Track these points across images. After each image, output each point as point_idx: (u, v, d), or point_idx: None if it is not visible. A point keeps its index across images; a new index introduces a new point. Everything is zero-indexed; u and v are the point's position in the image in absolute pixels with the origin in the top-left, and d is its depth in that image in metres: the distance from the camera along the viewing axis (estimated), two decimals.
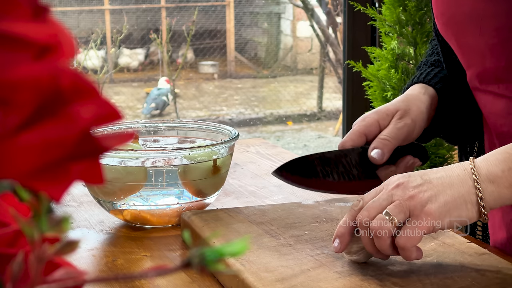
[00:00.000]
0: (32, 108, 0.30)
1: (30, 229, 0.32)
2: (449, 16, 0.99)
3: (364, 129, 1.00)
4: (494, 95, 0.98)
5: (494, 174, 0.81)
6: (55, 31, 0.31)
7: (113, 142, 0.32)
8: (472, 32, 0.96)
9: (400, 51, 2.18)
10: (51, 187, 0.31)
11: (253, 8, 7.74)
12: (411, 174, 0.82)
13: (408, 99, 1.03)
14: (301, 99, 6.92)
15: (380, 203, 0.81)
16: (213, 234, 0.95)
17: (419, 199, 0.79)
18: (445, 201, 0.80)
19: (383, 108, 1.02)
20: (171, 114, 6.26)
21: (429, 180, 0.81)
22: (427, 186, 0.80)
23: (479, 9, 0.94)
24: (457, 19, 0.98)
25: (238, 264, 0.84)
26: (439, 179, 0.81)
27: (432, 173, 0.82)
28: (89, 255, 0.98)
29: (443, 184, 0.81)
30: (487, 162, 0.82)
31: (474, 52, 0.97)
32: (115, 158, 1.04)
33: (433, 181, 0.81)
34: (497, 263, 0.85)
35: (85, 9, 7.18)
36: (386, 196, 0.81)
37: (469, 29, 0.96)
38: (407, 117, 1.00)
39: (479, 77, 0.99)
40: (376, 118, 1.00)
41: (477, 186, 0.80)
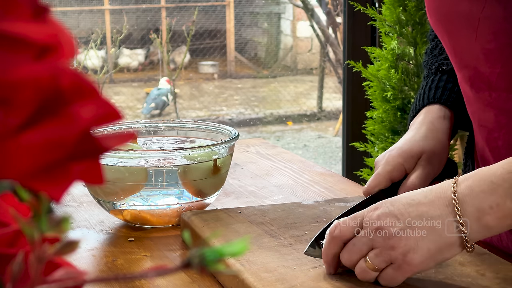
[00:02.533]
0: (32, 108, 0.30)
1: (30, 229, 0.32)
2: (443, 14, 0.95)
3: (390, 174, 0.96)
4: (484, 103, 0.94)
5: (482, 211, 0.76)
6: (55, 31, 0.31)
7: (113, 142, 0.32)
8: (467, 33, 0.91)
9: (400, 51, 2.18)
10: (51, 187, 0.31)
11: (253, 8, 7.74)
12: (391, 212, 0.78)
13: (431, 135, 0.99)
14: (301, 99, 6.92)
15: (360, 247, 0.79)
16: (213, 234, 0.95)
17: (401, 249, 0.77)
18: (428, 249, 0.76)
19: (407, 149, 0.97)
20: (171, 114, 6.26)
21: (410, 225, 0.77)
22: (408, 233, 0.77)
23: (476, 10, 0.89)
24: (451, 18, 0.93)
25: (238, 264, 0.84)
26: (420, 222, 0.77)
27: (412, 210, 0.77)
28: (89, 255, 0.98)
29: (424, 229, 0.77)
30: (472, 196, 0.76)
31: (468, 54, 0.93)
32: (115, 158, 1.04)
33: (413, 225, 0.77)
34: (497, 263, 0.85)
35: (85, 9, 7.18)
36: (366, 240, 0.79)
37: (464, 30, 0.92)
38: (434, 160, 0.97)
39: (471, 81, 0.95)
40: (401, 162, 0.96)
41: (462, 229, 0.76)
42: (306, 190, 1.24)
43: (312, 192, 1.23)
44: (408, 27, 2.18)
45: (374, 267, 0.79)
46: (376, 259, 0.78)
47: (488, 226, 0.76)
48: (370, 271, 0.79)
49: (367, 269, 0.79)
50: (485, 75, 0.92)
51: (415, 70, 2.18)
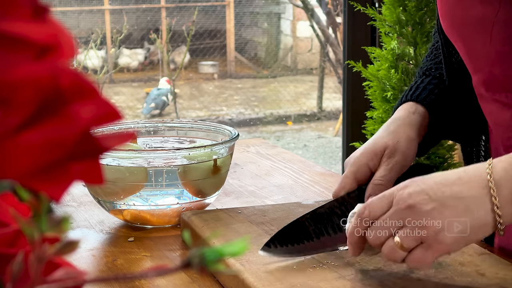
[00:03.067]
0: (32, 108, 0.30)
1: (30, 229, 0.32)
2: (456, 19, 0.95)
3: (355, 175, 0.95)
4: (501, 104, 0.94)
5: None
6: (55, 31, 0.31)
7: (113, 142, 0.32)
8: (481, 38, 0.91)
9: (400, 51, 2.18)
10: (51, 187, 0.31)
11: (253, 8, 7.74)
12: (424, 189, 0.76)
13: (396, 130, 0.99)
14: (301, 99, 6.92)
15: (389, 226, 0.77)
16: (213, 234, 0.95)
17: (433, 228, 0.75)
18: (460, 230, 0.75)
19: (371, 146, 0.97)
20: (171, 114, 6.26)
21: (443, 203, 0.75)
22: (440, 212, 0.75)
23: (490, 14, 0.89)
24: (465, 23, 0.93)
25: (238, 264, 0.84)
26: (454, 202, 0.75)
27: (446, 190, 0.76)
28: (89, 255, 0.98)
29: (458, 209, 0.75)
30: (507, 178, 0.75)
31: (482, 58, 0.93)
32: (115, 158, 1.04)
33: (447, 204, 0.75)
34: (497, 263, 0.85)
35: (85, 9, 7.18)
36: (397, 217, 0.77)
37: (478, 34, 0.92)
38: (397, 155, 0.96)
39: (486, 84, 0.95)
40: (365, 161, 0.96)
41: (497, 211, 0.75)
42: (306, 190, 1.24)
43: (312, 192, 1.23)
44: (408, 27, 2.18)
45: (403, 246, 0.76)
46: (407, 238, 0.76)
47: None
48: (398, 250, 0.77)
49: (396, 248, 0.77)
50: (500, 78, 0.92)
51: (415, 70, 2.18)
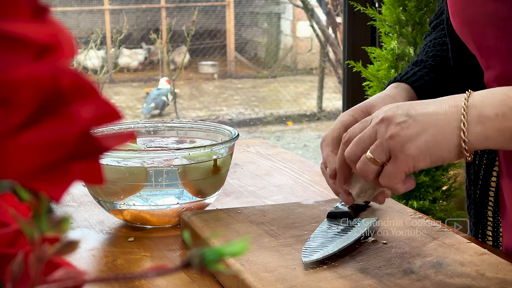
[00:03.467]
0: (32, 108, 0.30)
1: (30, 229, 0.32)
2: (468, 16, 0.95)
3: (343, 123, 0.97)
4: None
5: (486, 116, 0.78)
6: (55, 31, 0.31)
7: (113, 142, 0.32)
8: (493, 34, 0.92)
9: (400, 51, 2.18)
10: (51, 187, 0.31)
11: (253, 8, 7.74)
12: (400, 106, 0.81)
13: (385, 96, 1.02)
14: (301, 99, 6.92)
15: (364, 140, 0.82)
16: (213, 234, 0.95)
17: (399, 138, 0.79)
18: (425, 140, 0.78)
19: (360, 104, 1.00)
20: (171, 114, 6.26)
21: (414, 116, 0.79)
22: (410, 123, 0.79)
23: (503, 10, 0.90)
24: (477, 19, 0.94)
25: (238, 264, 0.84)
26: (424, 116, 0.79)
27: (421, 107, 0.80)
28: (89, 255, 0.98)
29: (427, 122, 0.79)
30: (482, 101, 0.79)
31: (495, 54, 0.94)
32: (115, 158, 1.04)
33: (417, 118, 0.79)
34: (497, 263, 0.85)
35: (85, 9, 7.18)
36: (370, 132, 0.81)
37: (490, 31, 0.92)
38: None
39: (498, 80, 0.95)
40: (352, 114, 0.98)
41: (463, 128, 0.78)
42: (306, 190, 1.24)
43: (312, 192, 1.23)
44: (408, 27, 2.18)
45: (374, 160, 0.80)
46: (376, 150, 0.80)
47: (487, 135, 0.78)
48: (370, 164, 0.81)
49: (368, 162, 0.81)
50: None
51: None
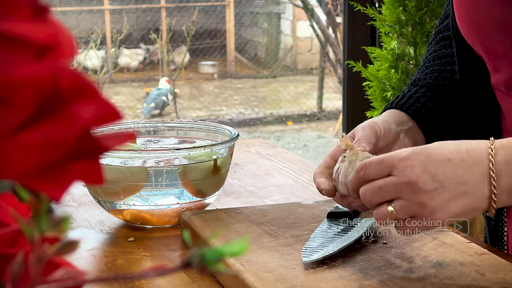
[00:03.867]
0: (32, 108, 0.30)
1: (30, 229, 0.32)
2: (475, 20, 0.94)
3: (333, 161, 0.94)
4: None
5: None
6: (55, 31, 0.31)
7: (113, 142, 0.32)
8: (501, 38, 0.91)
9: (400, 51, 2.18)
10: (51, 187, 0.31)
11: (253, 8, 7.74)
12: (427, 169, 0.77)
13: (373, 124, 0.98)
14: (301, 99, 6.92)
15: (386, 192, 0.78)
16: (213, 234, 0.95)
17: (430, 208, 0.76)
18: (455, 211, 0.77)
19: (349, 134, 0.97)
20: (171, 114, 6.26)
21: (443, 184, 0.77)
22: (440, 193, 0.76)
23: (510, 15, 0.89)
24: (485, 23, 0.93)
25: (238, 264, 0.84)
26: (454, 185, 0.77)
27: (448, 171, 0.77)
28: (89, 255, 0.98)
29: (457, 192, 0.77)
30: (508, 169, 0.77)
31: (502, 58, 0.93)
32: (115, 158, 1.04)
33: (447, 186, 0.77)
34: (497, 263, 0.85)
35: (85, 9, 7.18)
36: (394, 188, 0.78)
37: (498, 35, 0.91)
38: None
39: (506, 84, 0.95)
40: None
41: (494, 198, 0.77)
42: (306, 190, 1.24)
43: (312, 192, 1.23)
44: (408, 27, 2.18)
45: (396, 217, 0.78)
46: (402, 211, 0.78)
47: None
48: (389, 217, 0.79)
49: (388, 215, 0.79)
50: None
51: (415, 70, 2.18)
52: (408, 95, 1.05)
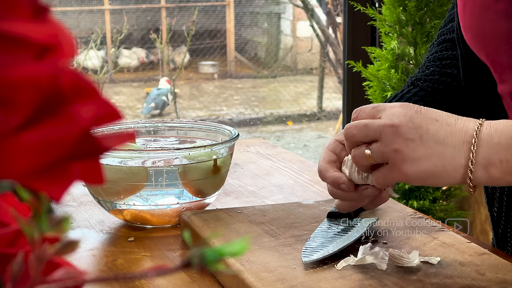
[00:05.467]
0: (32, 108, 0.30)
1: (30, 229, 0.32)
2: (480, 32, 0.94)
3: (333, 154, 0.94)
4: None
5: (491, 161, 0.77)
6: (55, 31, 0.31)
7: (113, 142, 0.32)
8: (506, 50, 0.91)
9: (400, 51, 2.18)
10: (51, 187, 0.31)
11: (253, 8, 7.74)
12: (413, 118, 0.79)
13: None
14: (301, 99, 6.92)
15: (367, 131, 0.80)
16: (213, 234, 0.95)
17: (402, 155, 0.78)
18: (426, 169, 0.78)
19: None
20: (171, 114, 6.26)
21: (423, 138, 0.78)
22: (417, 145, 0.77)
23: None
24: (490, 36, 0.93)
25: (238, 264, 0.84)
26: (433, 143, 0.78)
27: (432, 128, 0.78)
28: (89, 255, 0.98)
29: (433, 151, 0.78)
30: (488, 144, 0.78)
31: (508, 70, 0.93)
32: (115, 158, 1.04)
33: (426, 141, 0.78)
34: (497, 263, 0.85)
35: (85, 9, 7.18)
36: (377, 128, 0.80)
37: (503, 47, 0.91)
38: None
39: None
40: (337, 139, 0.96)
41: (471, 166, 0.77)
42: (306, 190, 1.24)
43: (312, 192, 1.23)
44: (408, 27, 2.18)
45: (370, 157, 0.81)
46: (376, 152, 0.80)
47: (492, 177, 0.78)
48: (366, 159, 0.81)
49: (364, 156, 0.81)
50: None
51: (415, 70, 2.18)
52: (406, 97, 1.05)
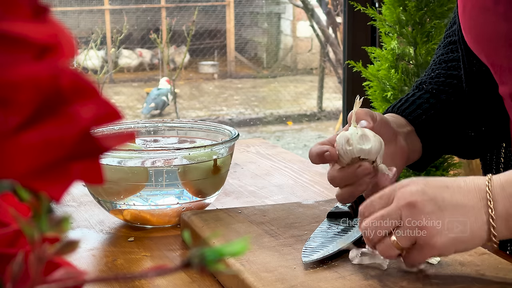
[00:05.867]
0: (32, 108, 0.30)
1: (30, 229, 0.32)
2: (480, 34, 0.94)
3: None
4: None
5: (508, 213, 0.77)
6: (55, 31, 0.31)
7: (113, 142, 0.32)
8: (505, 52, 0.91)
9: (400, 51, 2.18)
10: (51, 187, 0.31)
11: (253, 8, 7.74)
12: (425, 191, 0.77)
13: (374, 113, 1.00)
14: (301, 99, 6.92)
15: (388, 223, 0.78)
16: (213, 234, 0.95)
17: (428, 231, 0.76)
18: (453, 236, 0.77)
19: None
20: (171, 114, 6.26)
21: (442, 207, 0.77)
22: (439, 215, 0.76)
23: None
24: (489, 38, 0.93)
25: (238, 264, 0.84)
26: (453, 208, 0.77)
27: (446, 195, 0.78)
28: (89, 255, 0.98)
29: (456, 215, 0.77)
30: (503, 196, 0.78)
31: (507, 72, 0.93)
32: (115, 158, 1.04)
33: (446, 209, 0.77)
34: (497, 263, 0.85)
35: (85, 9, 7.18)
36: (396, 215, 0.78)
37: (503, 49, 0.91)
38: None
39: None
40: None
41: (492, 222, 0.77)
42: (306, 190, 1.24)
43: (312, 192, 1.23)
44: (408, 27, 2.18)
45: (398, 245, 0.78)
46: (403, 237, 0.78)
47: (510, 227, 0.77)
48: (394, 248, 0.79)
49: (391, 246, 0.79)
50: None
51: (415, 70, 2.18)
52: (411, 100, 1.04)
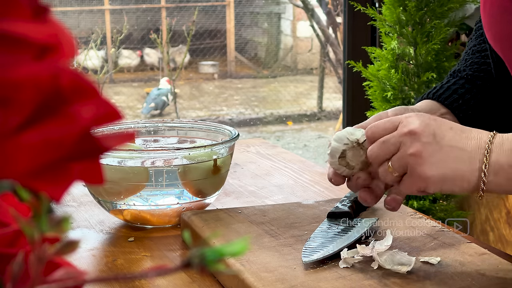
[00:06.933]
0: (32, 108, 0.30)
1: (30, 229, 0.32)
2: (497, 32, 0.96)
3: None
4: None
5: (499, 165, 0.80)
6: (55, 31, 0.31)
7: (113, 142, 0.32)
8: None
9: (400, 51, 2.18)
10: (51, 187, 0.31)
11: (253, 8, 7.73)
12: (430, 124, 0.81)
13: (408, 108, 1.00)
14: (301, 99, 6.92)
15: (388, 146, 0.83)
16: (213, 234, 0.95)
17: (420, 159, 0.80)
18: (444, 173, 0.80)
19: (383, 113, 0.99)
20: (171, 114, 6.26)
21: (440, 143, 0.80)
22: (435, 148, 0.80)
23: None
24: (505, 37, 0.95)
25: (238, 264, 0.84)
26: (449, 147, 0.80)
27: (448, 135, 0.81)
28: (89, 255, 0.98)
29: (450, 155, 0.80)
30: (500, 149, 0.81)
31: None
32: (115, 158, 1.04)
33: (443, 146, 0.80)
34: (497, 263, 0.85)
35: (85, 9, 7.17)
36: (395, 140, 0.82)
37: None
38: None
39: None
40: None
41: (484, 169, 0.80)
42: (306, 190, 1.24)
43: (312, 192, 1.23)
44: (408, 27, 2.18)
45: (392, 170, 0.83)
46: (396, 162, 0.82)
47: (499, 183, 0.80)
48: (389, 173, 0.83)
49: (387, 171, 0.83)
50: None
51: (415, 70, 2.18)
52: (446, 86, 1.05)
